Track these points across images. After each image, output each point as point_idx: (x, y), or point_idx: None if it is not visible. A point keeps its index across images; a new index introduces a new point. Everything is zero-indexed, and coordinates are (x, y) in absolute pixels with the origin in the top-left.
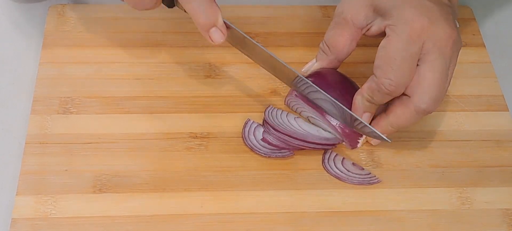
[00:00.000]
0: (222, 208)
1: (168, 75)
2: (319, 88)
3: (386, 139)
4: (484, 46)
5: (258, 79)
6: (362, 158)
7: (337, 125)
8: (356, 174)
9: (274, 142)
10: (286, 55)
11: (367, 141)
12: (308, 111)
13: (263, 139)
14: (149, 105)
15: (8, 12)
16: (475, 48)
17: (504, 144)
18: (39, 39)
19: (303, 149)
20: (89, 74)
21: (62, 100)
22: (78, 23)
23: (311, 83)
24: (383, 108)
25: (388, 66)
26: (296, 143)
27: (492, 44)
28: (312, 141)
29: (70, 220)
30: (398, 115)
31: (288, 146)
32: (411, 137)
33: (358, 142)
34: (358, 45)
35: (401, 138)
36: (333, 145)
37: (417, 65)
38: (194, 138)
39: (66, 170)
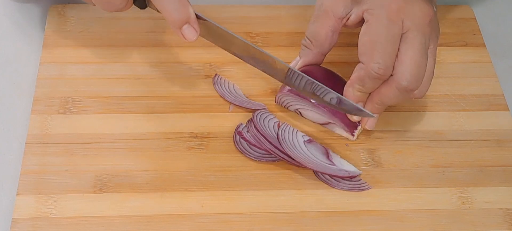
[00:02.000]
0: (222, 208)
1: (168, 75)
2: (301, 73)
3: (371, 113)
4: (485, 46)
5: (258, 79)
6: (363, 158)
7: (328, 110)
8: (346, 181)
9: (250, 138)
10: (286, 55)
11: (363, 130)
12: (300, 103)
13: (239, 133)
14: (149, 105)
15: (8, 12)
16: (476, 48)
17: (505, 144)
18: (39, 39)
19: (276, 158)
20: (89, 74)
21: (62, 100)
22: (78, 23)
23: (295, 70)
24: None
25: (374, 50)
26: (268, 146)
27: (493, 44)
28: (283, 150)
29: (71, 220)
30: (382, 93)
31: (262, 147)
32: (412, 136)
33: (355, 132)
34: (346, 45)
35: (402, 138)
36: (302, 165)
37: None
38: (194, 137)
39: (67, 170)
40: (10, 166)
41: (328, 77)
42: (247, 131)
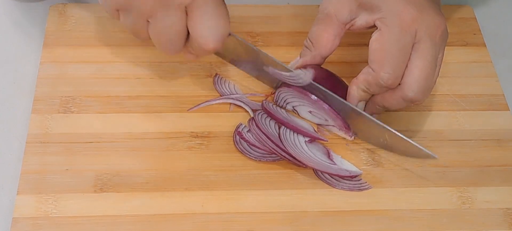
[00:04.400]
0: (222, 208)
1: (169, 75)
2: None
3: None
4: (485, 46)
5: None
6: (363, 158)
7: (328, 108)
8: (346, 180)
9: (250, 138)
10: (286, 55)
11: None
12: (299, 101)
13: (238, 133)
14: (150, 105)
15: (9, 11)
16: (476, 48)
17: (505, 143)
18: (40, 38)
19: (277, 157)
20: (90, 73)
21: (63, 99)
22: (79, 22)
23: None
24: None
25: (385, 60)
26: (270, 145)
27: (493, 44)
28: (285, 149)
29: (71, 219)
30: (386, 99)
31: (263, 146)
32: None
33: (350, 133)
34: (346, 45)
35: None
36: (303, 164)
37: None
38: (195, 137)
39: (67, 169)
40: (10, 166)
41: (328, 77)
42: (248, 131)
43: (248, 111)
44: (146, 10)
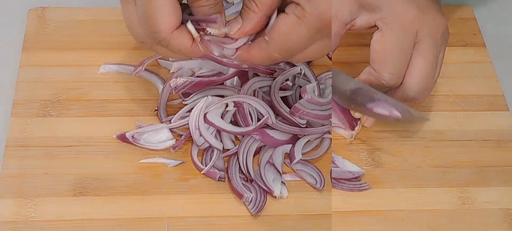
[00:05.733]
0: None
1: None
2: None
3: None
4: (485, 46)
5: None
6: (363, 158)
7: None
8: (346, 180)
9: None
10: None
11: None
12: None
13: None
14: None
15: None
16: (476, 48)
17: (505, 144)
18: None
19: None
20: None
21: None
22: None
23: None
24: None
25: (386, 60)
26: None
27: (493, 44)
28: None
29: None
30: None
31: None
32: (412, 136)
33: (355, 126)
34: (346, 45)
35: (402, 138)
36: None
37: None
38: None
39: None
40: None
41: None
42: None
43: None
44: None
